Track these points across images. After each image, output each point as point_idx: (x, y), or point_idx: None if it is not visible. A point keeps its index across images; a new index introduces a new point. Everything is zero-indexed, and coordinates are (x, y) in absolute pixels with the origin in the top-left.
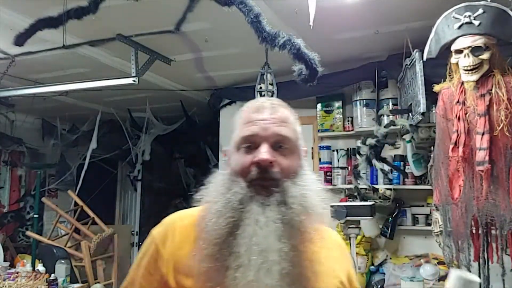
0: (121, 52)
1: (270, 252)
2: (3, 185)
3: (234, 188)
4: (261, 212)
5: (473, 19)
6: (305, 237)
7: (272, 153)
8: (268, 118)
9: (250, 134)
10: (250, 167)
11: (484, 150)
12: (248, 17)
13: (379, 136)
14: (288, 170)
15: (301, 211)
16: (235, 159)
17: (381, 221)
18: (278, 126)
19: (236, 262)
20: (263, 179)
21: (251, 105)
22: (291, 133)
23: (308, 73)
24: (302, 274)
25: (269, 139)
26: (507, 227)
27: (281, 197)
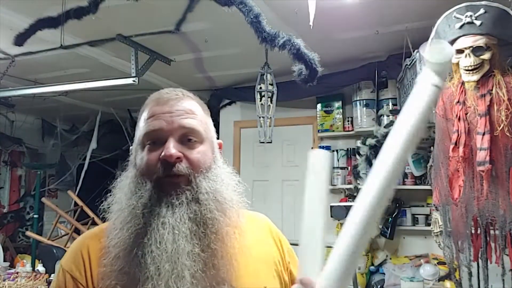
0: (121, 52)
1: (180, 257)
2: (3, 185)
3: (140, 191)
4: (170, 214)
5: (475, 19)
6: (220, 235)
7: (180, 147)
8: (173, 110)
9: (154, 129)
10: (156, 165)
11: (485, 150)
12: (248, 17)
13: (379, 136)
14: (198, 165)
15: (214, 207)
16: (140, 158)
17: (381, 221)
18: (184, 119)
19: (144, 274)
20: (171, 177)
21: (154, 97)
22: (199, 124)
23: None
24: (219, 275)
25: (175, 133)
26: (507, 227)
27: (191, 195)
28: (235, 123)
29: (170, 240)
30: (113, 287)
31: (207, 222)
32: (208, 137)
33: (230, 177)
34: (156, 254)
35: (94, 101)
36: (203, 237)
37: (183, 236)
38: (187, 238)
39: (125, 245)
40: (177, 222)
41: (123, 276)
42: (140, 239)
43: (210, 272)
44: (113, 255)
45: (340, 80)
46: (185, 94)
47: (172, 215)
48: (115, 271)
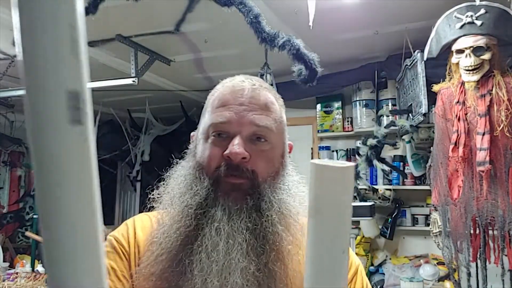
0: (120, 53)
1: (232, 272)
2: (3, 186)
3: (196, 187)
4: (226, 220)
5: (475, 19)
6: (281, 254)
7: (247, 147)
8: (246, 102)
9: (222, 121)
10: (218, 162)
11: (485, 151)
12: (247, 18)
13: (379, 136)
14: (266, 169)
15: (277, 220)
16: (201, 150)
17: (381, 222)
18: (258, 115)
19: (187, 285)
20: (233, 177)
21: (227, 83)
22: (273, 123)
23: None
24: None
25: (245, 129)
26: (506, 227)
27: (253, 202)
28: None
29: (223, 250)
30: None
31: (268, 237)
32: (281, 138)
33: (298, 187)
34: (206, 264)
35: (93, 101)
36: (261, 253)
37: (238, 248)
38: (243, 251)
39: (171, 247)
40: (234, 230)
41: (163, 282)
42: (189, 243)
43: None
44: (155, 254)
45: (339, 80)
46: (263, 85)
47: (228, 221)
48: (154, 274)
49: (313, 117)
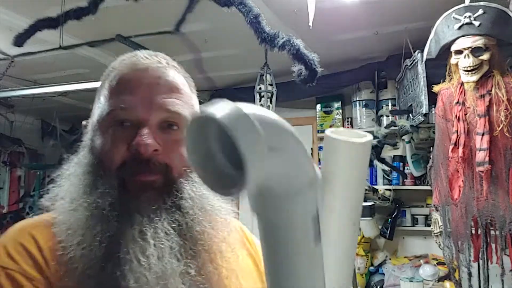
0: (120, 53)
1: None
2: (3, 186)
3: (102, 187)
4: (146, 222)
5: (473, 19)
6: (213, 253)
7: (158, 137)
8: (153, 83)
9: (124, 107)
10: (123, 156)
11: (484, 151)
12: (247, 18)
13: (380, 136)
14: (181, 161)
15: (202, 218)
16: (100, 143)
17: (381, 222)
18: (167, 98)
19: None
20: (143, 174)
21: (128, 60)
22: (186, 108)
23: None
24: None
25: (153, 116)
26: (507, 227)
27: (172, 200)
28: None
29: (154, 255)
30: None
31: (196, 237)
32: None
33: None
34: (140, 274)
35: (93, 101)
36: (194, 255)
37: (169, 251)
38: (176, 254)
39: (93, 260)
40: (158, 232)
41: None
42: (113, 252)
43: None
44: (76, 274)
45: (339, 80)
46: (170, 63)
47: (150, 223)
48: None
49: (313, 117)
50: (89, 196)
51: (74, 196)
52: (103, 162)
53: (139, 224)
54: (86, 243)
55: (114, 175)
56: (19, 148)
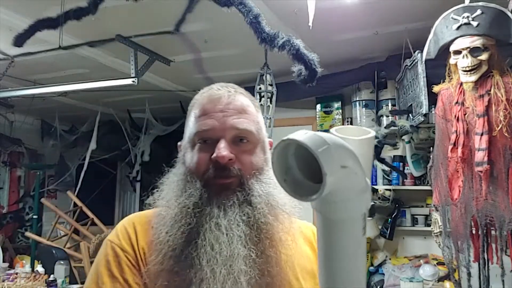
0: (120, 53)
1: (236, 261)
2: (3, 186)
3: (190, 190)
4: (222, 215)
5: (472, 20)
6: (274, 241)
7: (232, 149)
8: (225, 109)
9: (206, 129)
10: (207, 166)
11: (483, 151)
12: (247, 18)
13: (380, 136)
14: (250, 167)
15: (267, 211)
16: (190, 157)
17: (381, 222)
18: (237, 119)
19: (198, 276)
20: (222, 178)
21: (205, 93)
22: (252, 124)
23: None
24: (274, 283)
25: (227, 133)
26: (506, 227)
27: (244, 197)
28: None
29: (225, 242)
30: (163, 286)
31: (261, 227)
32: (261, 137)
33: None
34: (211, 256)
35: (93, 101)
36: (258, 242)
37: (238, 239)
38: (242, 241)
39: (176, 244)
40: (231, 224)
41: (173, 276)
42: (192, 239)
43: (265, 280)
44: (163, 253)
45: (339, 80)
46: (238, 90)
47: (224, 216)
48: (165, 270)
49: (312, 117)
50: (179, 197)
51: (169, 198)
52: (192, 171)
53: (216, 217)
54: (172, 232)
55: (200, 180)
56: (19, 148)
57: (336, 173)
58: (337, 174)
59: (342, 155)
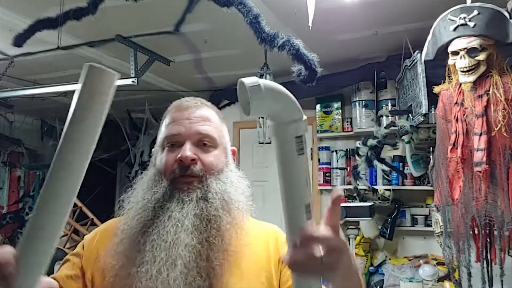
0: (120, 53)
1: (176, 247)
2: (2, 186)
3: (155, 188)
4: (178, 209)
5: (468, 20)
6: (221, 231)
7: (195, 150)
8: (191, 117)
9: (173, 134)
10: (173, 166)
11: (482, 151)
12: (247, 18)
13: (380, 137)
14: (211, 167)
15: (220, 206)
16: (159, 159)
17: (380, 222)
18: (200, 125)
19: (141, 259)
20: (185, 176)
21: (175, 104)
22: (214, 131)
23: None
24: (211, 266)
25: (191, 138)
26: (505, 227)
27: (201, 193)
28: (234, 124)
29: (171, 232)
30: (111, 266)
31: (211, 219)
32: (222, 143)
33: (240, 180)
34: (156, 243)
35: None
36: (204, 231)
37: (185, 229)
38: (188, 231)
39: (132, 232)
40: (183, 217)
41: (122, 258)
42: (146, 228)
43: (202, 263)
44: (119, 239)
45: (339, 80)
46: (203, 103)
47: (180, 210)
48: (117, 253)
49: (312, 117)
50: (145, 194)
51: (137, 195)
52: (160, 171)
53: (171, 211)
54: (131, 223)
55: (166, 179)
56: (19, 149)
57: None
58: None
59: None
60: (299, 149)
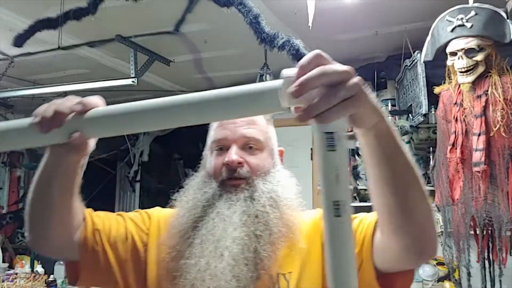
0: (120, 53)
1: (224, 240)
2: (2, 186)
3: (205, 188)
4: (227, 207)
5: (466, 21)
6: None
7: (241, 154)
8: (237, 121)
9: (220, 138)
10: (221, 168)
11: (481, 151)
12: (247, 18)
13: None
14: (257, 169)
15: (268, 204)
16: (208, 161)
17: None
18: (246, 129)
19: (190, 252)
20: (232, 179)
21: None
22: (260, 134)
23: None
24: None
25: (237, 141)
26: (504, 227)
27: (249, 193)
28: None
29: (220, 226)
30: (162, 259)
31: (258, 215)
32: (269, 144)
33: (288, 180)
34: (205, 237)
35: None
36: (251, 225)
37: (232, 224)
38: (236, 225)
39: (182, 228)
40: (231, 213)
41: (173, 251)
42: (196, 224)
43: (250, 255)
44: (171, 234)
45: None
46: None
47: (228, 208)
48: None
49: None
50: (196, 194)
51: (188, 194)
52: (209, 174)
53: (220, 208)
54: (182, 219)
55: (215, 181)
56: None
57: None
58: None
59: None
60: (329, 145)
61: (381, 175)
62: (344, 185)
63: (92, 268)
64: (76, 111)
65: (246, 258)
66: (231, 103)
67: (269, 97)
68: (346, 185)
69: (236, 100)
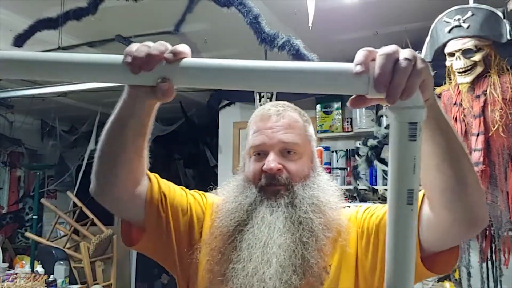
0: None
1: (271, 246)
2: (2, 186)
3: (246, 193)
4: (269, 212)
5: (463, 22)
6: (314, 232)
7: (280, 160)
8: (274, 126)
9: (258, 144)
10: (260, 174)
11: (479, 151)
12: (247, 18)
13: (380, 137)
14: (297, 174)
15: (310, 209)
16: (247, 166)
17: None
18: (284, 134)
19: (237, 256)
20: (272, 185)
21: (258, 113)
22: (298, 138)
23: None
24: (308, 264)
25: (275, 147)
26: (504, 228)
27: (289, 199)
28: (234, 124)
29: (265, 232)
30: (207, 261)
31: (301, 221)
32: (307, 147)
33: (328, 183)
34: (252, 242)
35: (93, 102)
36: (296, 232)
37: (277, 230)
38: (280, 232)
39: (227, 229)
40: (274, 219)
41: (218, 254)
42: (241, 227)
43: (297, 262)
44: (215, 235)
45: None
46: (286, 108)
47: (271, 213)
48: (214, 249)
49: (312, 117)
50: (238, 197)
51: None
52: (248, 179)
53: (263, 213)
54: (226, 221)
55: (255, 186)
56: (19, 149)
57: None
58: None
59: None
60: (410, 135)
61: (439, 148)
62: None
63: (154, 232)
64: (167, 60)
65: (293, 265)
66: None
67: (361, 82)
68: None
69: (329, 75)
